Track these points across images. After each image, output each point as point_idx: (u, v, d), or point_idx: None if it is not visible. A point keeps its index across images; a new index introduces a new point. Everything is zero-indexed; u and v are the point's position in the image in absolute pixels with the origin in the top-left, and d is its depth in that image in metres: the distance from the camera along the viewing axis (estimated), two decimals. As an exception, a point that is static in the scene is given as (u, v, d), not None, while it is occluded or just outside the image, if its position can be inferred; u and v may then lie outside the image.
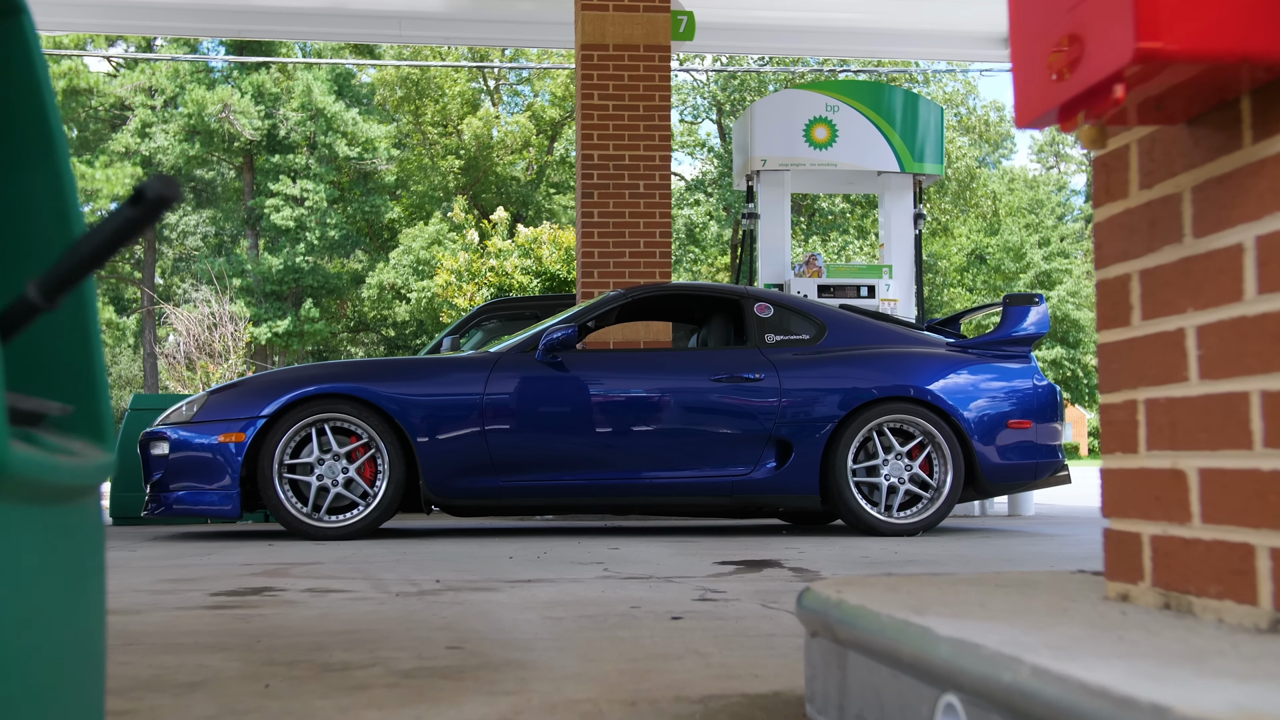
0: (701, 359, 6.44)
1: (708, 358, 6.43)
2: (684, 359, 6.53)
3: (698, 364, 6.38)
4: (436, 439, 6.03)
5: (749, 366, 6.28)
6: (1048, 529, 6.88)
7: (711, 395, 6.25)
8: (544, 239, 15.99)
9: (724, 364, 6.29)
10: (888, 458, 6.28)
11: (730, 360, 6.32)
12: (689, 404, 6.24)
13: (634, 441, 6.18)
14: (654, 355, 6.62)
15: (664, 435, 6.20)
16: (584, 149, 9.17)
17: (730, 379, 6.25)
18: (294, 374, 6.22)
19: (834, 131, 9.22)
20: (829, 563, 4.43)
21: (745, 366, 6.30)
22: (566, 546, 5.33)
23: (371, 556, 4.72)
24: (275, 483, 5.93)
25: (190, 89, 36.69)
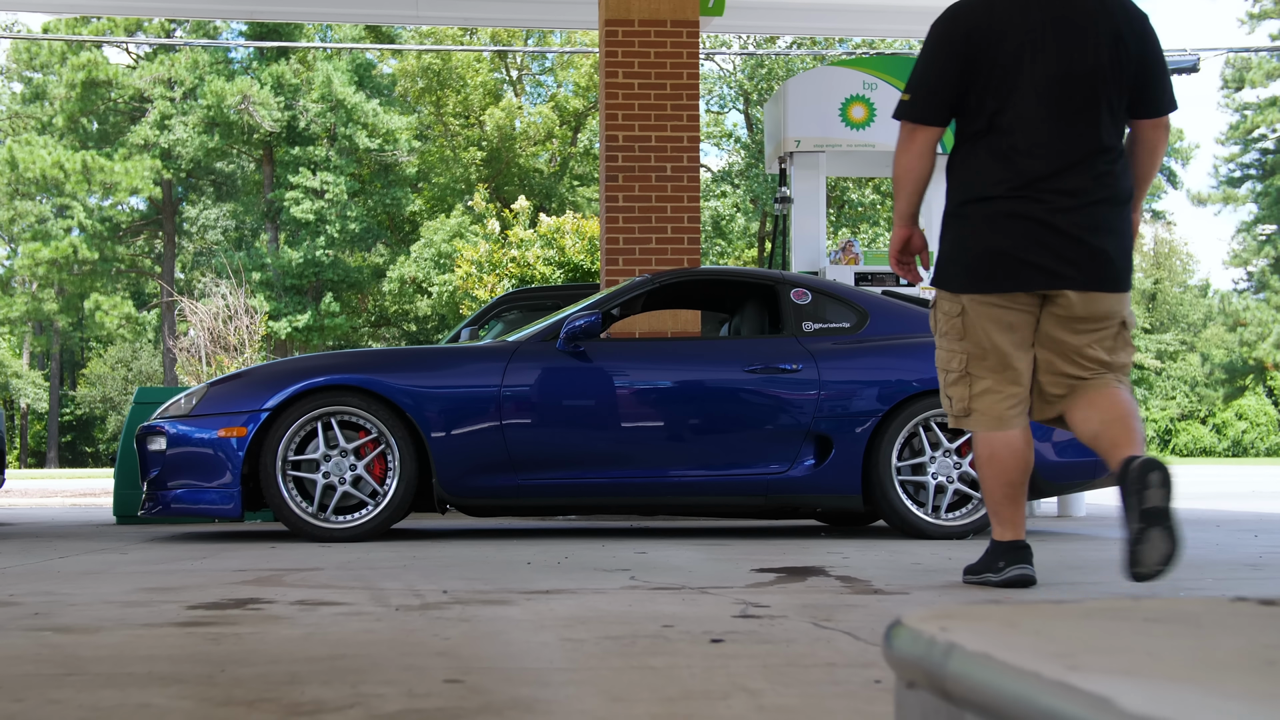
0: (734, 348, 6.07)
1: (741, 347, 6.05)
2: (715, 348, 6.16)
3: (730, 354, 6.01)
4: (451, 434, 5.68)
5: (785, 356, 5.90)
6: (1108, 532, 6.48)
7: (745, 388, 5.87)
8: (567, 229, 15.62)
9: (759, 354, 5.90)
10: (935, 454, 5.89)
11: (765, 350, 5.94)
12: (721, 397, 5.87)
13: (662, 437, 5.81)
14: (683, 344, 6.24)
15: (694, 430, 5.83)
16: (608, 130, 8.80)
17: (765, 370, 5.87)
18: (299, 364, 5.88)
19: (872, 110, 8.82)
20: (879, 570, 4.05)
21: (781, 356, 5.91)
22: (589, 550, 4.97)
23: (377, 561, 4.37)
24: (278, 480, 5.58)
25: (209, 80, 36.53)
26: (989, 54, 3.37)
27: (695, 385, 5.87)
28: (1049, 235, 3.31)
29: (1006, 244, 3.33)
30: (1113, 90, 3.38)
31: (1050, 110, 3.34)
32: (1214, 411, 51.41)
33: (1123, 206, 3.39)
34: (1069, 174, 3.33)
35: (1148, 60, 3.42)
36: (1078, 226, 3.31)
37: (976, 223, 3.39)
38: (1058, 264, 3.31)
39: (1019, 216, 3.32)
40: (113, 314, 37.89)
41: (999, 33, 3.37)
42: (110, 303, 37.98)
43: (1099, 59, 3.36)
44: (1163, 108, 3.47)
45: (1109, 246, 3.34)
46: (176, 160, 38.18)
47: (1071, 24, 3.37)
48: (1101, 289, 3.34)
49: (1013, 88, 3.35)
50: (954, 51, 3.42)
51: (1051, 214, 3.31)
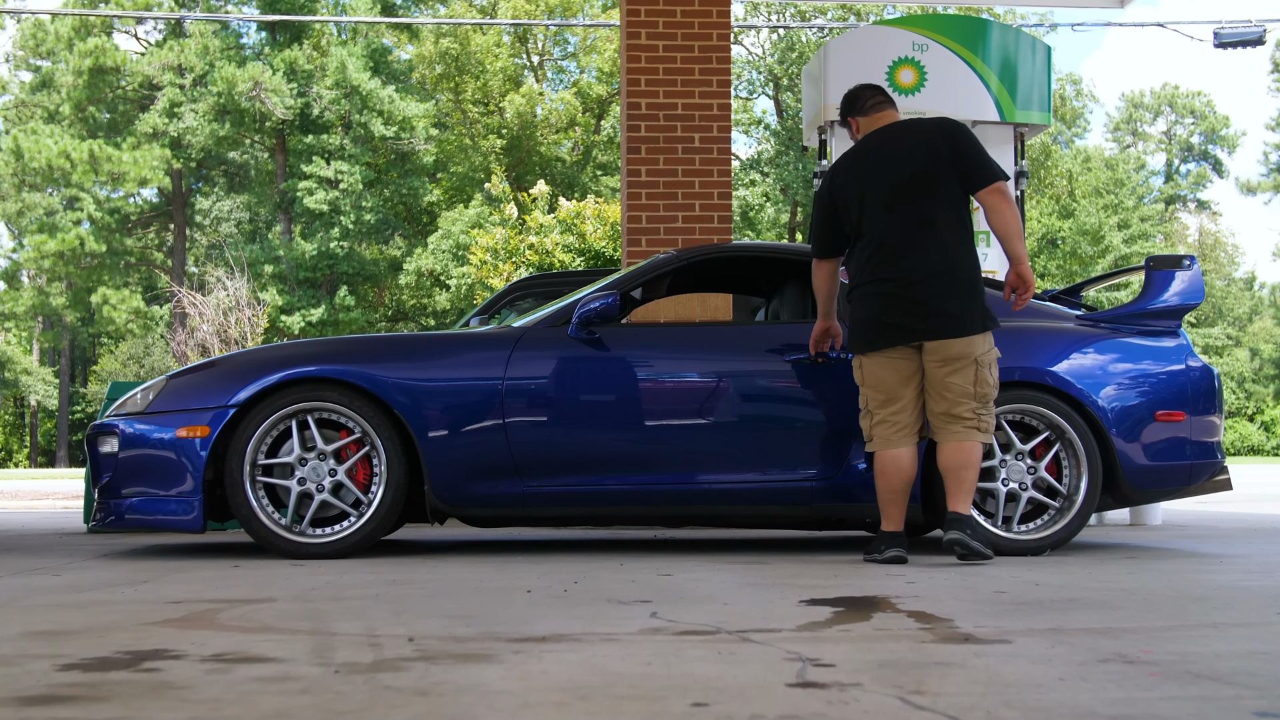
0: (773, 334, 5.36)
1: (781, 333, 5.34)
2: (751, 334, 5.46)
3: (768, 340, 5.31)
4: (446, 434, 5.00)
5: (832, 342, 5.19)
6: (1201, 545, 5.75)
7: (787, 380, 5.17)
8: (588, 214, 14.93)
9: (801, 340, 5.20)
10: (1005, 457, 5.18)
11: (809, 335, 5.23)
12: (759, 390, 5.17)
13: (689, 437, 5.10)
14: (715, 330, 5.52)
15: (727, 430, 5.11)
16: (629, 97, 8.10)
17: (810, 358, 5.16)
18: (271, 354, 5.20)
19: (922, 74, 8.09)
20: (956, 601, 3.35)
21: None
22: (604, 571, 4.28)
23: (346, 588, 3.70)
24: (246, 487, 4.92)
25: (220, 66, 36.01)
26: (844, 197, 4.79)
27: (728, 377, 5.17)
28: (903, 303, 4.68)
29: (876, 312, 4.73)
30: (935, 183, 4.68)
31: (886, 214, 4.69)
32: (1262, 408, 50.34)
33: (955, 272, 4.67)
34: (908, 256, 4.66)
35: (960, 150, 4.69)
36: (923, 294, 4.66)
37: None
38: (912, 322, 4.65)
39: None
40: (121, 308, 37.40)
41: (843, 183, 4.80)
42: (119, 297, 37.49)
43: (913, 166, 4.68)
44: (985, 181, 4.67)
45: (947, 307, 4.63)
46: (186, 149, 37.67)
47: (886, 153, 4.74)
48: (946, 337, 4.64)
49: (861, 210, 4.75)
50: (822, 205, 4.92)
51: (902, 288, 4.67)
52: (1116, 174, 49.19)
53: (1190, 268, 5.58)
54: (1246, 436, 47.79)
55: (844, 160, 4.88)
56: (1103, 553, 5.30)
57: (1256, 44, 16.13)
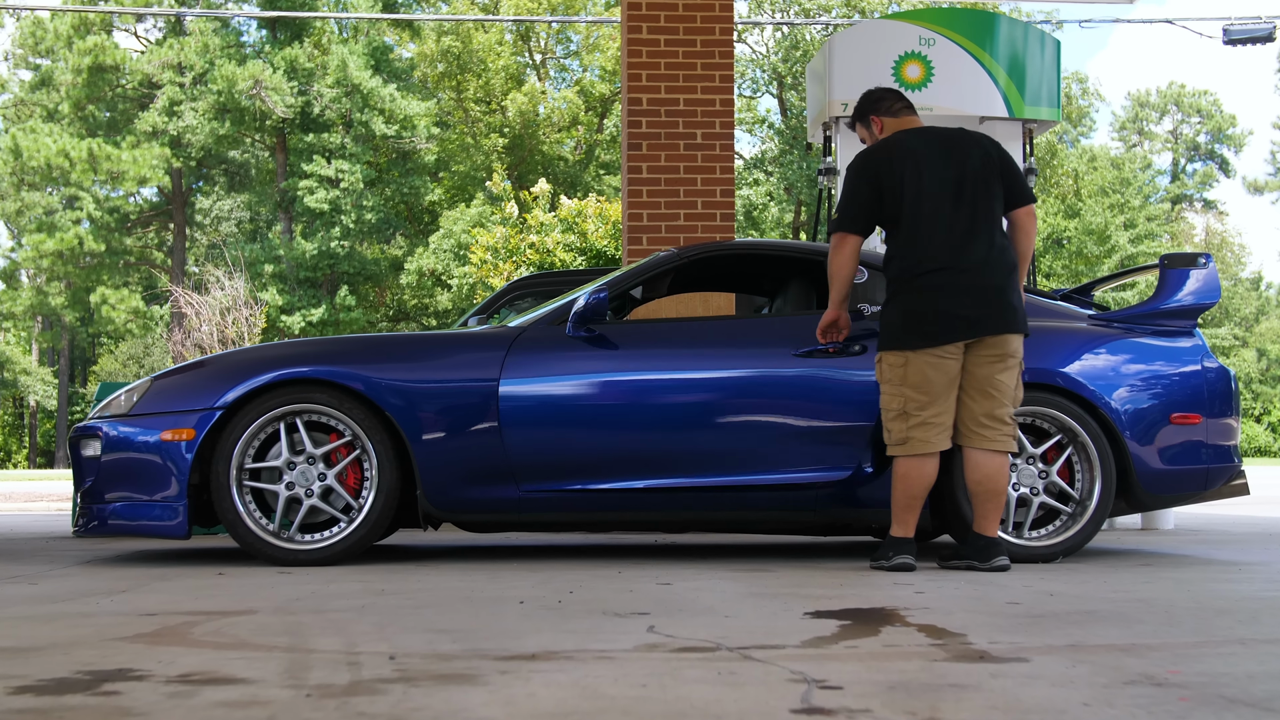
0: (781, 328, 5.19)
1: (789, 327, 5.17)
2: (757, 329, 5.31)
3: (776, 335, 5.14)
4: (439, 437, 4.86)
5: (848, 336, 5.01)
6: (1217, 552, 5.60)
7: (794, 378, 5.01)
8: (589, 212, 14.80)
9: (809, 334, 5.03)
10: (1016, 461, 5.04)
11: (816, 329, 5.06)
12: (765, 388, 4.99)
13: (690, 438, 4.94)
14: (718, 325, 5.35)
15: (730, 430, 4.95)
16: (630, 92, 7.96)
17: (822, 352, 4.99)
18: (259, 354, 5.07)
19: (929, 69, 7.95)
20: (968, 614, 3.21)
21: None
22: (601, 580, 4.14)
23: (331, 599, 3.56)
24: (232, 492, 4.78)
25: (220, 64, 35.89)
26: (898, 180, 4.64)
27: (733, 374, 5.01)
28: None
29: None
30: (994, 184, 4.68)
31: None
32: (1269, 409, 50.16)
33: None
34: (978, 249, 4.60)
35: (1007, 164, 4.73)
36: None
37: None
38: (982, 313, 4.55)
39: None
40: (120, 308, 37.27)
41: (899, 168, 4.65)
42: (118, 296, 37.36)
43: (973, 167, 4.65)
44: (1025, 199, 4.75)
45: (1015, 301, 4.61)
46: (186, 148, 37.54)
47: (947, 148, 4.68)
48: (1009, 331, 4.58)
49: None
50: (867, 181, 4.70)
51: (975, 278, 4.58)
52: (1123, 173, 49.02)
53: (1206, 266, 5.44)
54: (1254, 437, 47.61)
55: (897, 146, 4.68)
56: (1116, 559, 5.15)
57: (1266, 40, 15.98)
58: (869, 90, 5.01)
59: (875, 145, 4.78)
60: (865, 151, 4.78)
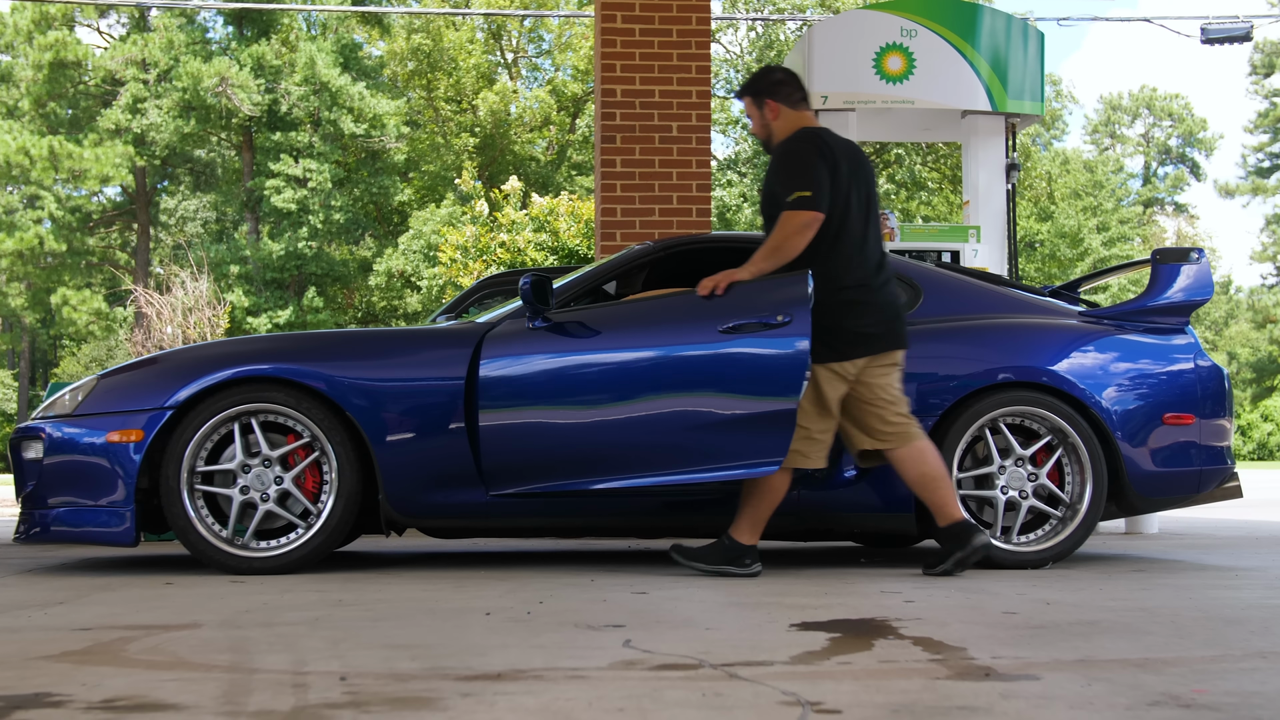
0: (736, 308, 4.54)
1: (745, 307, 4.69)
2: (715, 308, 4.57)
3: (695, 311, 4.61)
4: (402, 438, 4.63)
5: (772, 306, 4.48)
6: (1208, 557, 5.44)
7: (776, 364, 4.74)
8: (561, 210, 14.59)
9: (736, 307, 4.66)
10: (1005, 463, 4.86)
11: (769, 304, 4.67)
12: (744, 378, 4.50)
13: (666, 437, 4.55)
14: (679, 302, 4.70)
15: (707, 427, 4.49)
16: (604, 84, 7.76)
17: (744, 327, 4.48)
18: (211, 351, 4.83)
19: (911, 61, 7.79)
20: (965, 625, 3.02)
21: (767, 307, 4.50)
22: (574, 588, 3.94)
23: (284, 610, 3.34)
24: (183, 496, 4.54)
25: (185, 61, 35.40)
26: (838, 183, 4.50)
27: (709, 363, 4.54)
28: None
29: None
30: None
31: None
32: (1239, 413, 50.42)
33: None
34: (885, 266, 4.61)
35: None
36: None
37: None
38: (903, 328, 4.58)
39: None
40: (82, 309, 36.73)
41: (842, 172, 4.51)
42: (79, 298, 36.82)
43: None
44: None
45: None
46: (150, 146, 37.02)
47: (861, 160, 4.61)
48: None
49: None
50: (827, 165, 4.48)
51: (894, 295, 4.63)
52: (1096, 176, 49.15)
53: (1198, 261, 5.28)
54: (1225, 441, 47.75)
55: (836, 147, 4.52)
56: (1107, 565, 4.98)
57: (1244, 40, 15.93)
58: (769, 68, 4.77)
59: (823, 133, 4.55)
60: (818, 135, 4.53)
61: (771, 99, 4.65)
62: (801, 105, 4.70)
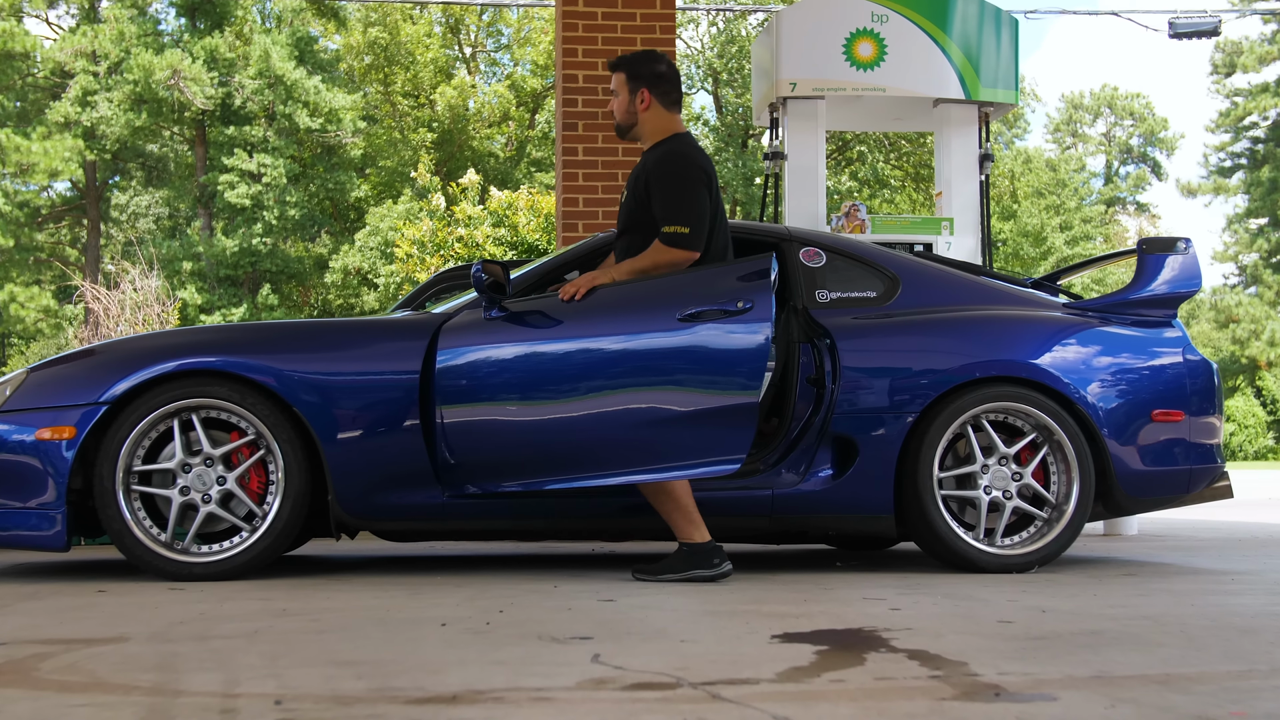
0: (695, 294, 4.30)
1: (705, 293, 4.44)
2: (674, 294, 4.31)
3: (658, 298, 4.37)
4: (354, 436, 4.38)
5: (731, 293, 4.29)
6: (1196, 560, 5.28)
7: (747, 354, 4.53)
8: (521, 205, 14.34)
9: (694, 293, 4.45)
10: (988, 462, 4.67)
11: (729, 289, 4.45)
12: (678, 376, 4.26)
13: (629, 433, 4.30)
14: (638, 289, 4.39)
15: (644, 424, 4.25)
16: (565, 69, 7.53)
17: (704, 314, 4.26)
18: (150, 343, 4.57)
19: (882, 47, 7.59)
20: (960, 635, 2.81)
21: (726, 293, 4.30)
22: (536, 595, 3.71)
23: (220, 622, 3.09)
24: (118, 497, 4.27)
25: (136, 53, 34.82)
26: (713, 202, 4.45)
27: (645, 357, 4.28)
28: None
29: None
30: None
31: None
32: (1202, 413, 50.62)
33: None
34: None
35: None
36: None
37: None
38: None
39: None
40: (30, 307, 36.09)
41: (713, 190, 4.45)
42: (27, 295, 36.17)
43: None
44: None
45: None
46: (101, 140, 36.41)
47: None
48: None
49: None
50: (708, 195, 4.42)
51: None
52: (1059, 175, 49.35)
53: (1186, 251, 5.11)
54: (1187, 440, 48.05)
55: (708, 165, 4.44)
56: (1094, 568, 4.80)
57: (1212, 35, 15.89)
58: (653, 54, 4.57)
59: (700, 154, 4.45)
60: (699, 157, 4.44)
61: (649, 89, 4.46)
62: (675, 108, 4.52)
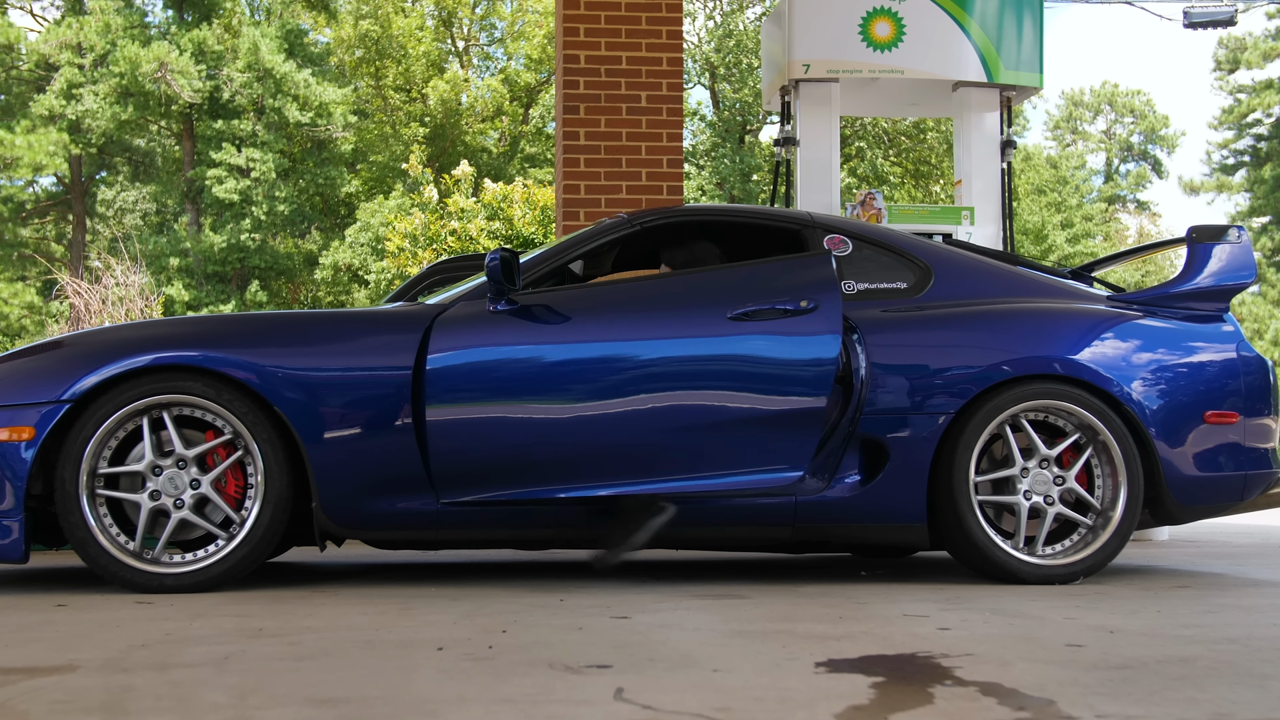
0: (747, 292, 4.31)
1: (760, 290, 4.29)
2: (721, 291, 4.24)
3: (705, 294, 4.24)
4: (340, 436, 4.04)
5: (794, 290, 4.19)
6: (1246, 569, 4.95)
7: (773, 356, 4.23)
8: (515, 197, 13.99)
9: (749, 290, 4.23)
10: (1028, 465, 4.34)
11: (788, 287, 4.26)
12: (737, 371, 4.12)
13: (640, 439, 4.07)
14: (675, 285, 4.32)
15: (687, 429, 4.09)
16: (566, 49, 7.20)
17: (762, 313, 4.14)
18: (118, 335, 4.22)
19: (900, 27, 7.27)
20: (1030, 662, 2.48)
21: (787, 290, 4.19)
22: (541, 612, 3.37)
23: (187, 646, 2.75)
24: (82, 503, 3.93)
25: (123, 45, 34.42)
26: None
27: (693, 359, 4.18)
28: None
29: None
30: None
31: None
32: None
33: None
34: None
35: None
36: None
37: None
38: None
39: None
40: (14, 303, 35.67)
41: None
42: (11, 290, 35.75)
43: None
44: None
45: None
46: (87, 134, 35.99)
47: None
48: None
49: None
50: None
51: None
52: (1060, 172, 49.09)
53: (1239, 240, 4.78)
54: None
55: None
56: (1140, 580, 4.48)
57: (1227, 24, 15.60)
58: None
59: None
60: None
61: None
62: None
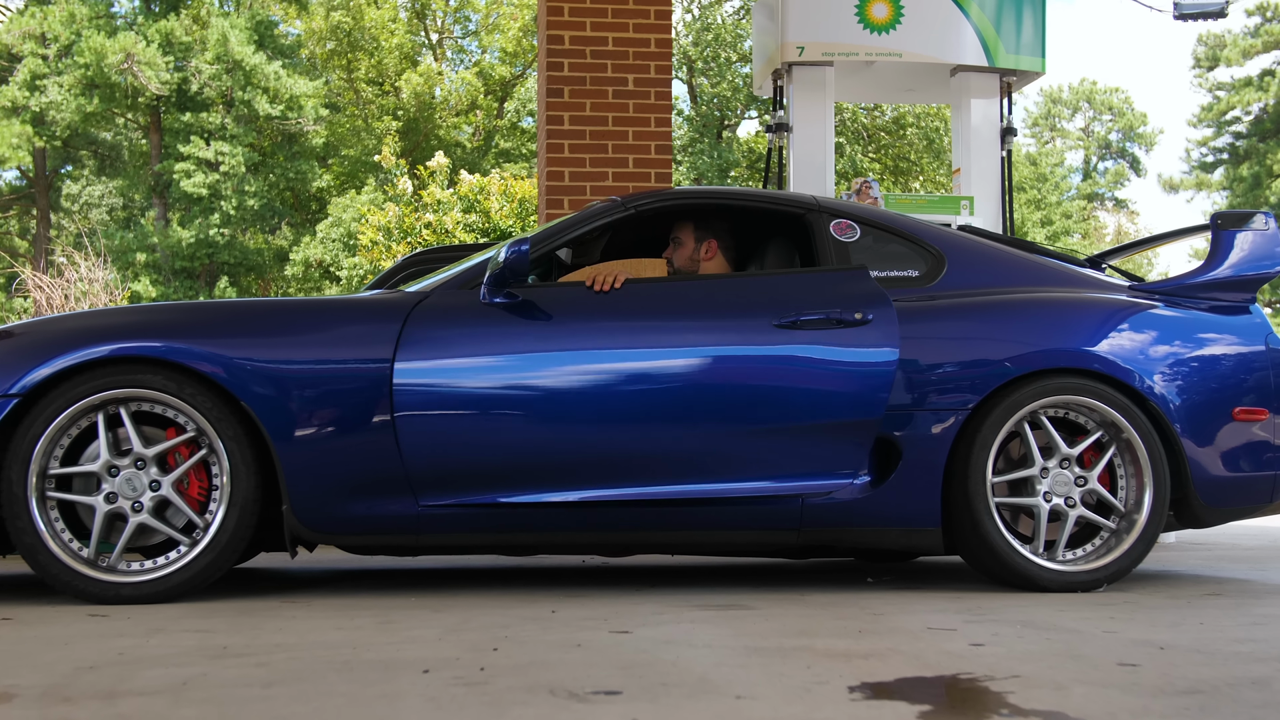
0: (753, 291, 4.13)
1: (764, 289, 4.13)
2: (720, 291, 4.16)
3: (746, 299, 4.11)
4: (312, 434, 3.77)
5: (845, 301, 4.03)
6: (1272, 574, 4.73)
7: (773, 357, 4.00)
8: (492, 189, 13.72)
9: (795, 297, 4.04)
10: (1048, 464, 4.10)
11: (805, 291, 4.06)
12: (734, 372, 3.96)
13: (637, 439, 3.87)
14: (669, 287, 4.20)
15: (687, 430, 3.88)
16: (550, 29, 6.93)
17: (813, 322, 3.98)
18: (73, 324, 3.92)
19: (898, 9, 7.03)
20: (1088, 685, 2.24)
21: (838, 301, 4.05)
22: (533, 625, 3.10)
23: (138, 670, 2.47)
24: (30, 505, 3.64)
25: (88, 36, 33.93)
26: None
27: (691, 354, 3.96)
28: None
29: None
30: None
31: None
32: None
33: None
34: None
35: None
36: None
37: None
38: None
39: None
40: (-25, 299, 35.21)
41: None
42: (-28, 286, 35.29)
43: None
44: None
45: None
46: (51, 126, 35.50)
47: None
48: None
49: None
50: None
51: None
52: (1039, 169, 49.09)
53: (1267, 227, 4.55)
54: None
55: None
56: (1164, 586, 4.24)
57: (1218, 16, 15.40)
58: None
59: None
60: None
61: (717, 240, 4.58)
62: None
